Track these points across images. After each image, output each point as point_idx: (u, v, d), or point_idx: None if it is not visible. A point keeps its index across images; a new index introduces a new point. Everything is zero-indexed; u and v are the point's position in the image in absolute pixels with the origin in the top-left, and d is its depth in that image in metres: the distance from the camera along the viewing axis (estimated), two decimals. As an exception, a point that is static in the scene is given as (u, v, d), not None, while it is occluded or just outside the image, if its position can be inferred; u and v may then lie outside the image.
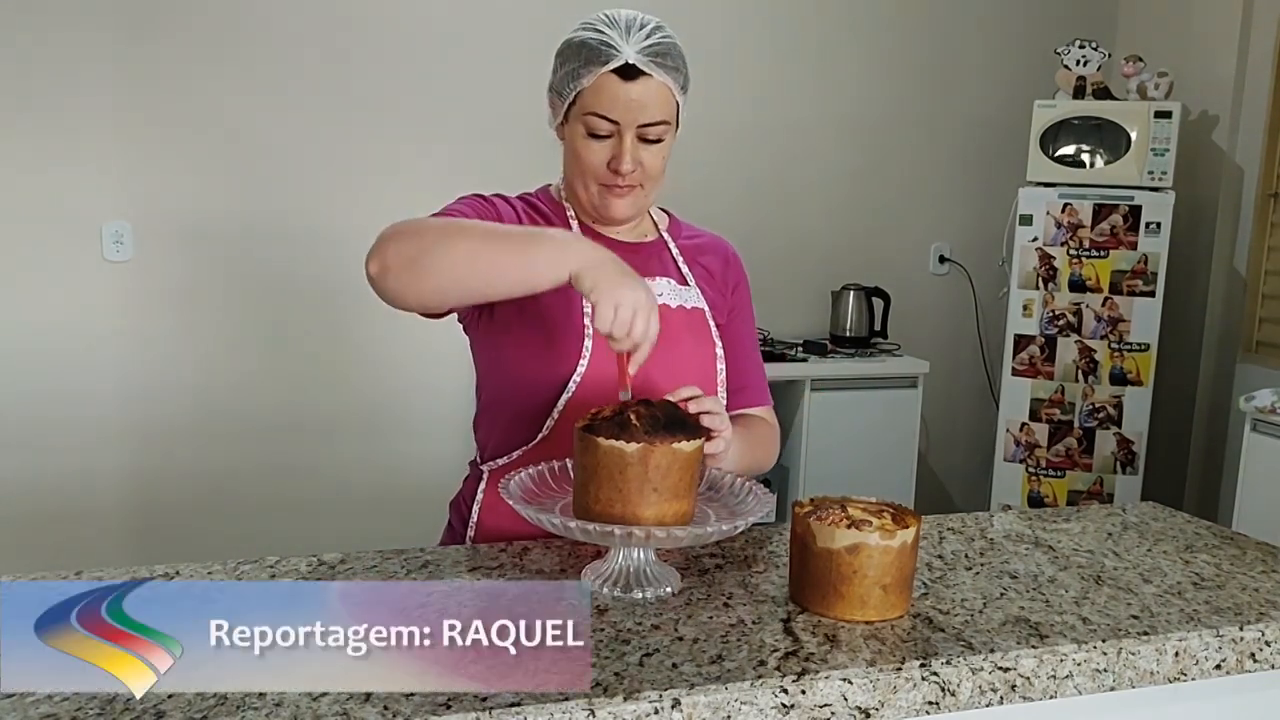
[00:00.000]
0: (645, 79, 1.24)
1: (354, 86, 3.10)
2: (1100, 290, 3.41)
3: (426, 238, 1.12)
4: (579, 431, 1.07)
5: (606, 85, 1.24)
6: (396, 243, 1.12)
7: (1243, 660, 1.04)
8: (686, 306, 1.36)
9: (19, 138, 2.85)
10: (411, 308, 1.16)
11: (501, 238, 1.13)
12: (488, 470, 1.34)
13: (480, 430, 1.38)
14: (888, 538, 0.99)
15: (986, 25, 3.81)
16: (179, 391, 3.06)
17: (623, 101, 1.24)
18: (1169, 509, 1.47)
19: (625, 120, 1.25)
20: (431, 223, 1.16)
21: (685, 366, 1.32)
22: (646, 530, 1.00)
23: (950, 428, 3.98)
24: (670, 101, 1.28)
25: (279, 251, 3.11)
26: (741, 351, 1.44)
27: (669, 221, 1.47)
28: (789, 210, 3.66)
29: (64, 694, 0.82)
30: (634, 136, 1.26)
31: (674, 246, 1.43)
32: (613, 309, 1.06)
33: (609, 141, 1.26)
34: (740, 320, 1.46)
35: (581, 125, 1.27)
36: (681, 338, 1.33)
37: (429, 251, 1.11)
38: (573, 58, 1.26)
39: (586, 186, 1.31)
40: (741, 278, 1.48)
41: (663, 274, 1.37)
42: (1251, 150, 3.51)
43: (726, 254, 1.48)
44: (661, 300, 1.31)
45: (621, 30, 1.24)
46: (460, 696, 0.83)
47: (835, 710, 0.89)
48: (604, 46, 1.24)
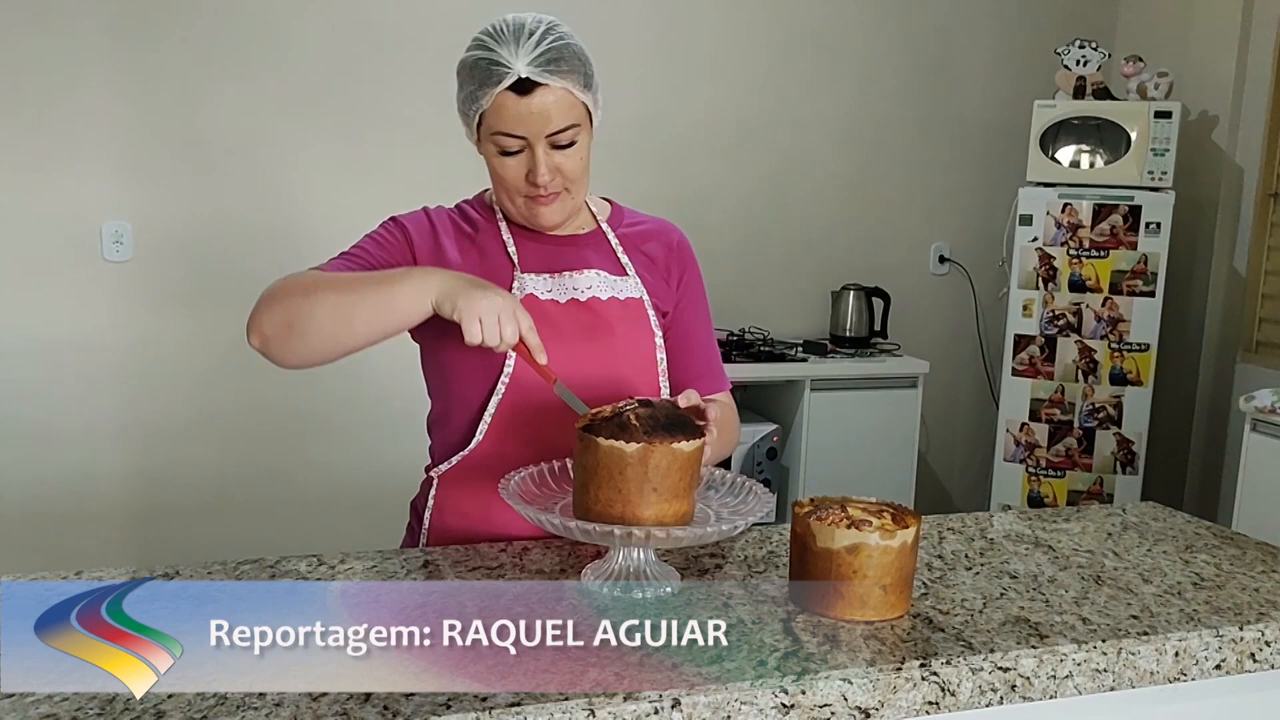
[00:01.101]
0: (543, 89, 1.22)
1: (354, 87, 3.10)
2: (1100, 290, 3.41)
3: (292, 302, 1.16)
4: (579, 431, 1.07)
5: (505, 103, 1.23)
6: (268, 312, 1.17)
7: (1243, 660, 1.04)
8: (620, 297, 1.35)
9: (19, 138, 2.85)
10: (304, 367, 1.21)
11: (361, 287, 1.17)
12: (436, 476, 1.35)
13: (431, 436, 1.40)
14: (888, 538, 0.99)
15: (986, 25, 3.81)
16: (179, 391, 3.06)
17: (525, 116, 1.23)
18: (1169, 509, 1.47)
19: (532, 134, 1.24)
20: (295, 284, 1.18)
21: (620, 357, 1.32)
22: (646, 530, 1.00)
23: (950, 428, 3.98)
24: (574, 104, 1.26)
25: (279, 252, 3.10)
26: (696, 339, 1.43)
27: (610, 211, 1.46)
28: (789, 210, 3.66)
29: (64, 694, 0.83)
30: (545, 146, 1.25)
31: (613, 236, 1.41)
32: (476, 322, 1.12)
33: (522, 155, 1.26)
34: (691, 308, 1.44)
35: (492, 144, 1.26)
36: (615, 328, 1.32)
37: (298, 315, 1.16)
38: (467, 79, 1.25)
39: (512, 200, 1.31)
40: (689, 263, 1.45)
41: (598, 265, 1.36)
42: (1251, 150, 3.51)
43: (670, 240, 1.45)
44: (591, 293, 1.32)
45: (510, 43, 1.22)
46: (460, 696, 0.83)
47: (835, 710, 0.89)
48: (494, 66, 1.22)
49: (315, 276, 1.20)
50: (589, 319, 1.31)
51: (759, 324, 3.60)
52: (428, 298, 1.14)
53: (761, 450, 3.24)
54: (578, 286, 1.33)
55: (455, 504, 1.34)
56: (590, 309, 1.32)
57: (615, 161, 3.41)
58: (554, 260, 1.35)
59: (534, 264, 1.33)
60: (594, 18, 3.32)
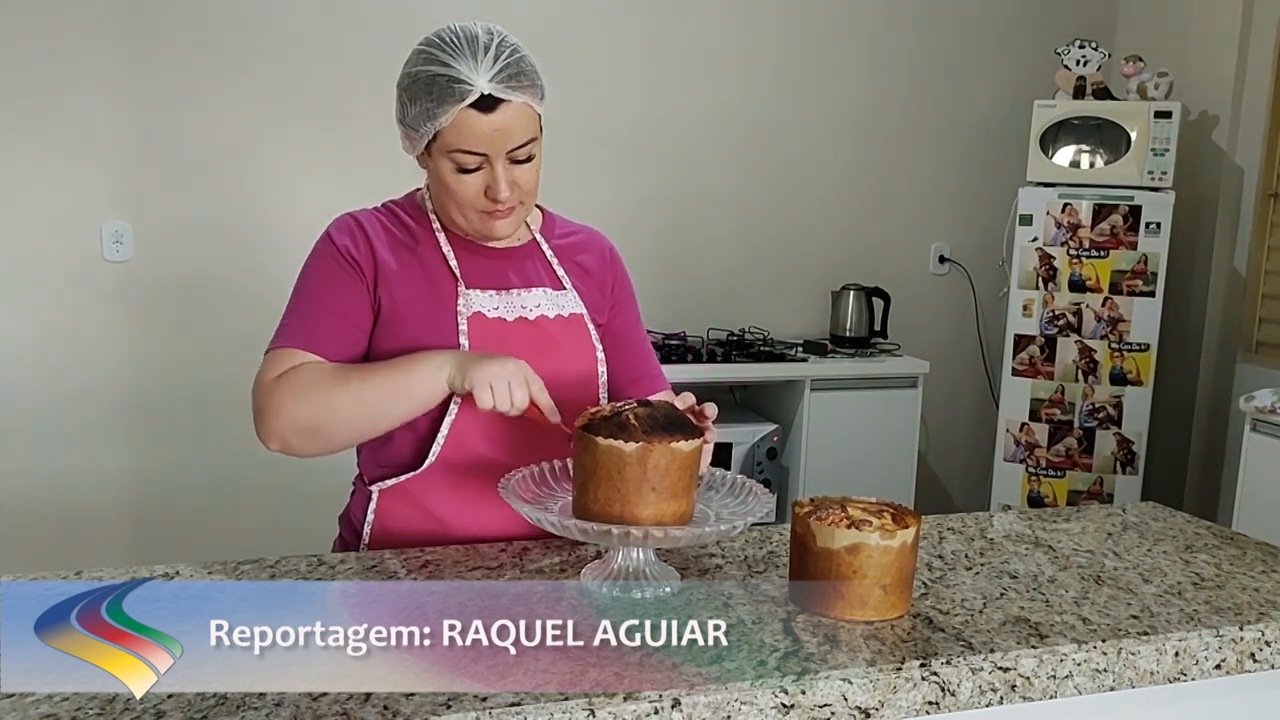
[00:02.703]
0: (504, 105, 1.20)
1: (353, 87, 3.10)
2: (1100, 290, 3.41)
3: (309, 406, 1.19)
4: (578, 431, 1.07)
5: (466, 121, 1.20)
6: (283, 418, 1.19)
7: (1243, 660, 1.04)
8: (564, 314, 1.34)
9: (19, 137, 2.85)
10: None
11: (376, 380, 1.20)
12: (376, 490, 1.31)
13: (362, 452, 1.36)
14: (888, 538, 0.99)
15: (986, 25, 3.81)
16: (179, 391, 3.06)
17: (487, 134, 1.20)
18: (1169, 509, 1.48)
19: (493, 150, 1.21)
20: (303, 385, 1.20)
21: (567, 374, 1.31)
22: (644, 530, 1.00)
23: (950, 428, 3.98)
24: (532, 117, 1.24)
25: (279, 252, 3.10)
26: (632, 343, 1.43)
27: (542, 220, 1.43)
28: (789, 210, 3.66)
29: (64, 694, 0.82)
30: (505, 162, 1.23)
31: (547, 247, 1.39)
32: (487, 389, 1.15)
33: (480, 172, 1.23)
34: (624, 312, 1.44)
35: (448, 161, 1.23)
36: (561, 346, 1.33)
37: (320, 419, 1.19)
38: (422, 95, 1.21)
39: (465, 215, 1.28)
40: (619, 270, 1.45)
41: (537, 282, 1.35)
42: (1251, 150, 3.51)
43: (602, 250, 1.44)
44: (539, 312, 1.32)
45: (467, 58, 1.19)
46: (460, 696, 0.83)
47: (835, 710, 0.89)
48: (455, 83, 1.18)
49: (318, 374, 1.21)
50: (536, 336, 1.31)
51: (759, 324, 3.60)
52: (442, 377, 1.18)
53: (761, 450, 3.24)
54: (526, 305, 1.32)
55: (399, 516, 1.31)
56: (538, 327, 1.32)
57: (617, 162, 3.42)
58: (496, 275, 1.33)
59: (477, 279, 1.31)
60: (599, 20, 3.33)
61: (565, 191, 2.97)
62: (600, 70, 3.31)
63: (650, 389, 1.40)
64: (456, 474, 1.27)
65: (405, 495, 1.30)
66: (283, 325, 1.28)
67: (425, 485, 1.29)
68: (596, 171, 3.38)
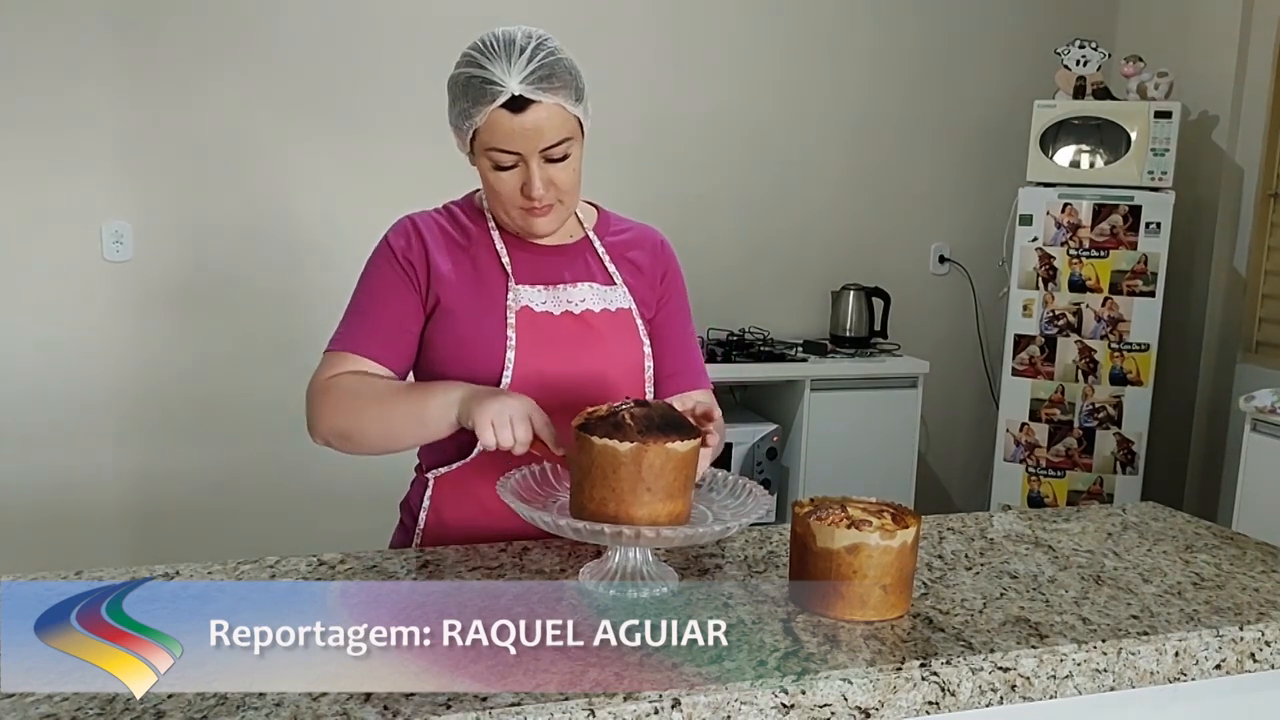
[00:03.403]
0: (535, 106, 1.23)
1: (355, 87, 3.10)
2: (1100, 290, 3.41)
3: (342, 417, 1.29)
4: (575, 430, 1.07)
5: (498, 121, 1.24)
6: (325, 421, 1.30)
7: (1243, 660, 1.04)
8: (611, 309, 1.37)
9: (19, 137, 2.85)
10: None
11: (395, 405, 1.27)
12: (433, 478, 1.37)
13: None
14: (888, 538, 0.99)
15: (986, 25, 3.81)
16: (179, 391, 3.06)
17: (518, 133, 1.24)
18: (1169, 509, 1.48)
19: (526, 150, 1.25)
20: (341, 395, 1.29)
21: (612, 368, 1.34)
22: (636, 530, 0.99)
23: (950, 428, 3.98)
24: (567, 118, 1.26)
25: (278, 252, 3.11)
26: (675, 336, 1.44)
27: (597, 217, 1.46)
28: (789, 210, 3.66)
29: (64, 694, 0.82)
30: (539, 160, 1.26)
31: (600, 245, 1.42)
32: (489, 429, 1.16)
33: (516, 170, 1.27)
34: (673, 305, 1.46)
35: (486, 159, 1.28)
36: (607, 340, 1.35)
37: (350, 431, 1.29)
38: (460, 96, 1.27)
39: (507, 212, 1.32)
40: (670, 264, 1.47)
41: (587, 278, 1.38)
42: (1251, 150, 3.51)
43: (655, 244, 1.47)
44: (585, 306, 1.35)
45: (501, 60, 1.23)
46: (460, 696, 0.83)
47: (835, 710, 0.89)
48: (487, 84, 1.23)
49: (355, 389, 1.28)
50: (582, 330, 1.34)
51: (759, 324, 3.60)
52: (452, 413, 1.22)
53: (761, 450, 3.24)
54: (572, 299, 1.35)
55: (453, 504, 1.36)
56: (584, 321, 1.34)
57: (618, 162, 3.41)
58: (547, 271, 1.36)
59: (527, 275, 1.35)
60: (600, 20, 3.32)
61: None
62: (600, 70, 3.28)
63: (687, 385, 1.42)
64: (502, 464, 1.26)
65: (458, 484, 1.34)
66: (341, 327, 1.35)
67: (475, 474, 1.32)
68: (596, 171, 3.35)
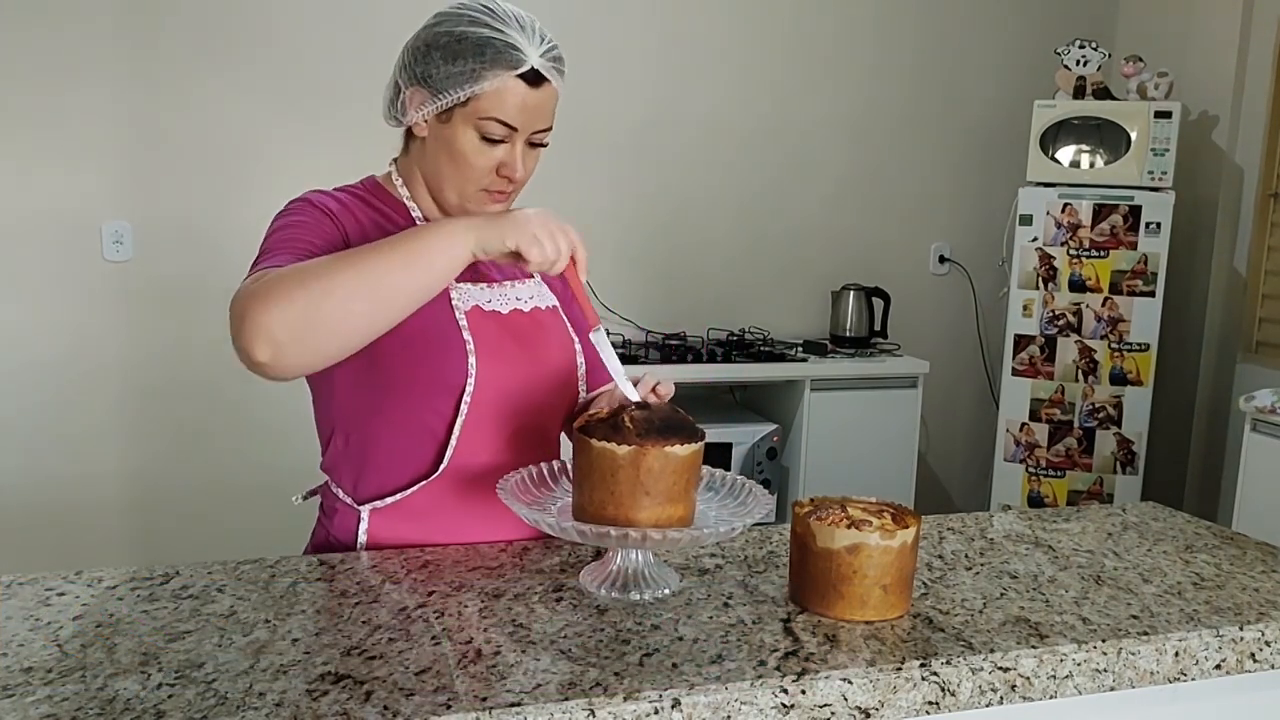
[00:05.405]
0: (546, 85, 1.20)
1: (354, 86, 3.10)
2: (1100, 290, 3.41)
3: (302, 295, 0.98)
4: (575, 432, 1.07)
5: (511, 90, 1.17)
6: (272, 312, 0.98)
7: (1243, 660, 1.04)
8: (543, 307, 1.33)
9: (19, 137, 2.85)
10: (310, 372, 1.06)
11: (377, 259, 1.02)
12: (367, 510, 1.25)
13: (342, 471, 1.28)
14: (888, 538, 0.99)
15: (986, 25, 3.81)
16: (178, 391, 3.06)
17: (527, 108, 1.19)
18: (1169, 509, 1.47)
19: (523, 126, 1.20)
20: (291, 277, 1.00)
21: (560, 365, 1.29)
22: (642, 532, 0.99)
23: (950, 428, 3.98)
24: (555, 107, 1.24)
25: (279, 251, 3.11)
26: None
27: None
28: (789, 210, 3.66)
29: (64, 694, 0.82)
30: (525, 142, 1.21)
31: None
32: (537, 244, 1.05)
33: (501, 146, 1.20)
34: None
35: (473, 130, 1.19)
36: (551, 337, 1.31)
37: (319, 307, 0.98)
38: (471, 55, 1.16)
39: (461, 190, 1.23)
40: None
41: (513, 275, 1.32)
42: (1251, 150, 3.51)
43: None
44: (533, 304, 1.31)
45: (518, 31, 1.18)
46: (460, 696, 0.83)
47: (835, 710, 0.89)
48: (511, 49, 1.16)
49: (308, 265, 1.03)
50: (533, 329, 1.29)
51: (759, 324, 3.60)
52: (465, 246, 1.04)
53: (761, 450, 3.24)
54: (519, 297, 1.30)
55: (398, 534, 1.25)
56: (534, 319, 1.30)
57: (617, 162, 3.41)
58: (477, 267, 1.26)
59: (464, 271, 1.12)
60: (600, 20, 3.32)
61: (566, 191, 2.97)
62: (600, 70, 3.30)
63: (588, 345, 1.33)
64: (461, 488, 1.24)
65: (404, 512, 1.24)
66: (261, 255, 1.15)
67: (428, 500, 1.23)
68: (597, 171, 3.38)
